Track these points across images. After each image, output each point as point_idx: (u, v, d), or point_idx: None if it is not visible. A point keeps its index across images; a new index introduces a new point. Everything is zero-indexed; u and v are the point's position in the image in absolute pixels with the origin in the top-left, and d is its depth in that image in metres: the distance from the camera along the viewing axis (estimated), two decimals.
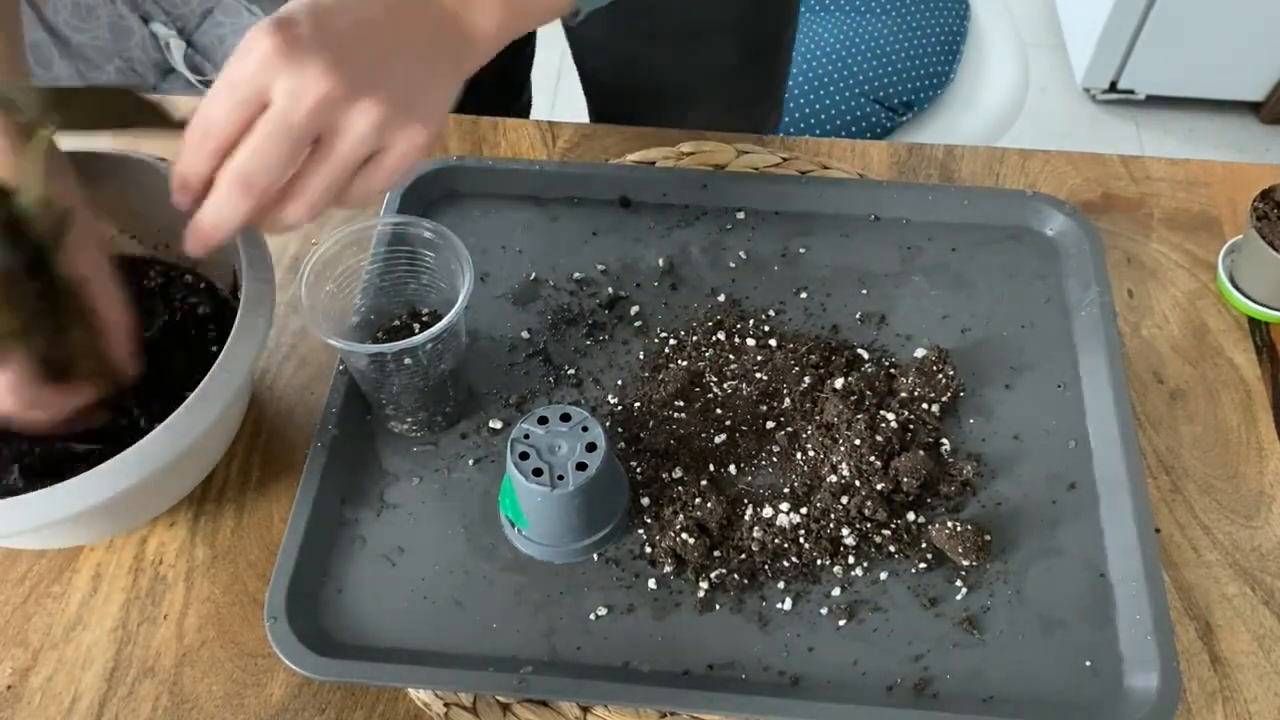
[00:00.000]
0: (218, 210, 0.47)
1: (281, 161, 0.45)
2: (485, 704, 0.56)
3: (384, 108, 0.46)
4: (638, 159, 0.78)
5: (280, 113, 0.45)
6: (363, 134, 0.46)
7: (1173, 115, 2.06)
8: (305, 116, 0.44)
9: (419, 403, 0.62)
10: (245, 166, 0.45)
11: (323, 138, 0.46)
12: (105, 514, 0.56)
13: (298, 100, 0.44)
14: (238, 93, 0.45)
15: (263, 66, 0.44)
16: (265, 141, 0.45)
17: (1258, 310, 0.70)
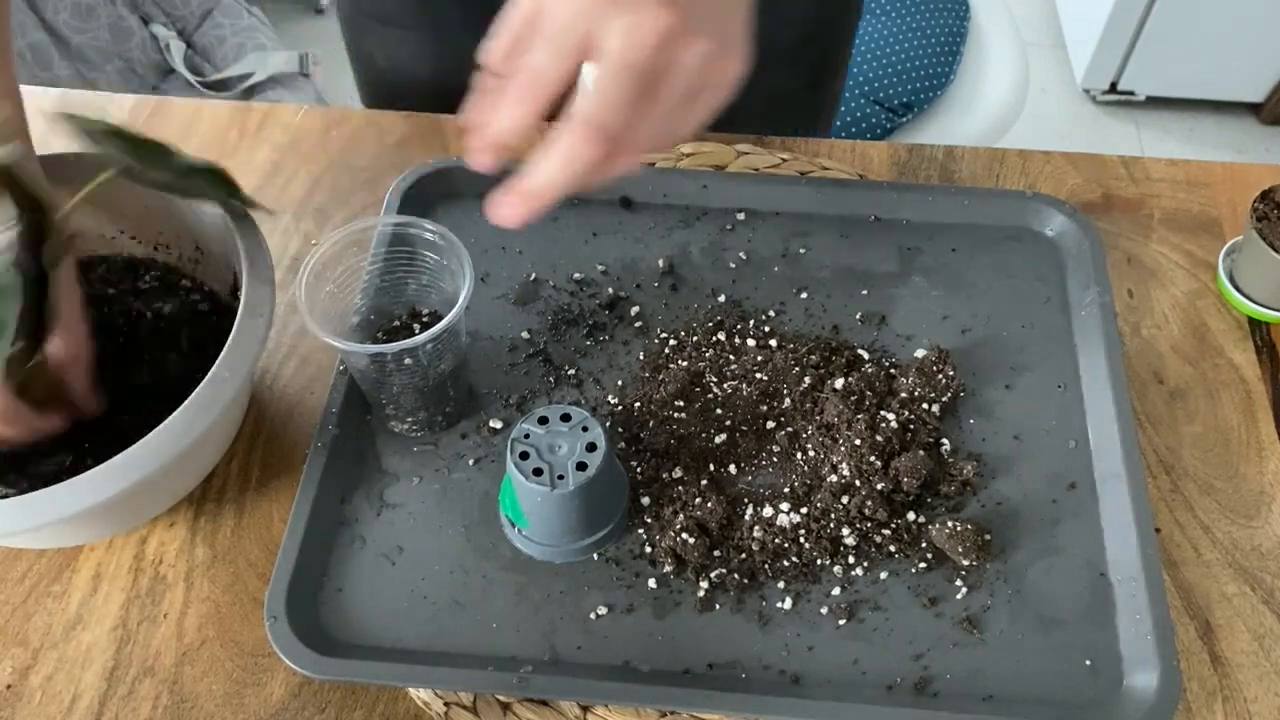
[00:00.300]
0: (563, 164, 0.45)
1: (630, 104, 0.43)
2: (485, 703, 0.57)
3: (711, 42, 0.44)
4: None
5: (621, 53, 0.43)
6: (695, 70, 0.44)
7: (1173, 116, 2.06)
8: (649, 55, 0.43)
9: (419, 403, 0.62)
10: (595, 113, 0.43)
11: (658, 76, 0.44)
12: (105, 514, 0.56)
13: (638, 39, 0.42)
14: (561, 40, 0.43)
15: (590, 12, 0.42)
16: (613, 84, 0.43)
17: (1258, 310, 0.70)
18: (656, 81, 0.44)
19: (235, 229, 0.59)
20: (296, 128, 0.81)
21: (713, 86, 0.46)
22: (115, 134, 0.51)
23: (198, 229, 0.64)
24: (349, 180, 0.78)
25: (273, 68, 1.69)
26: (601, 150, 0.44)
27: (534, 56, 0.44)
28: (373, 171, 0.78)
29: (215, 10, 1.75)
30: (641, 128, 0.45)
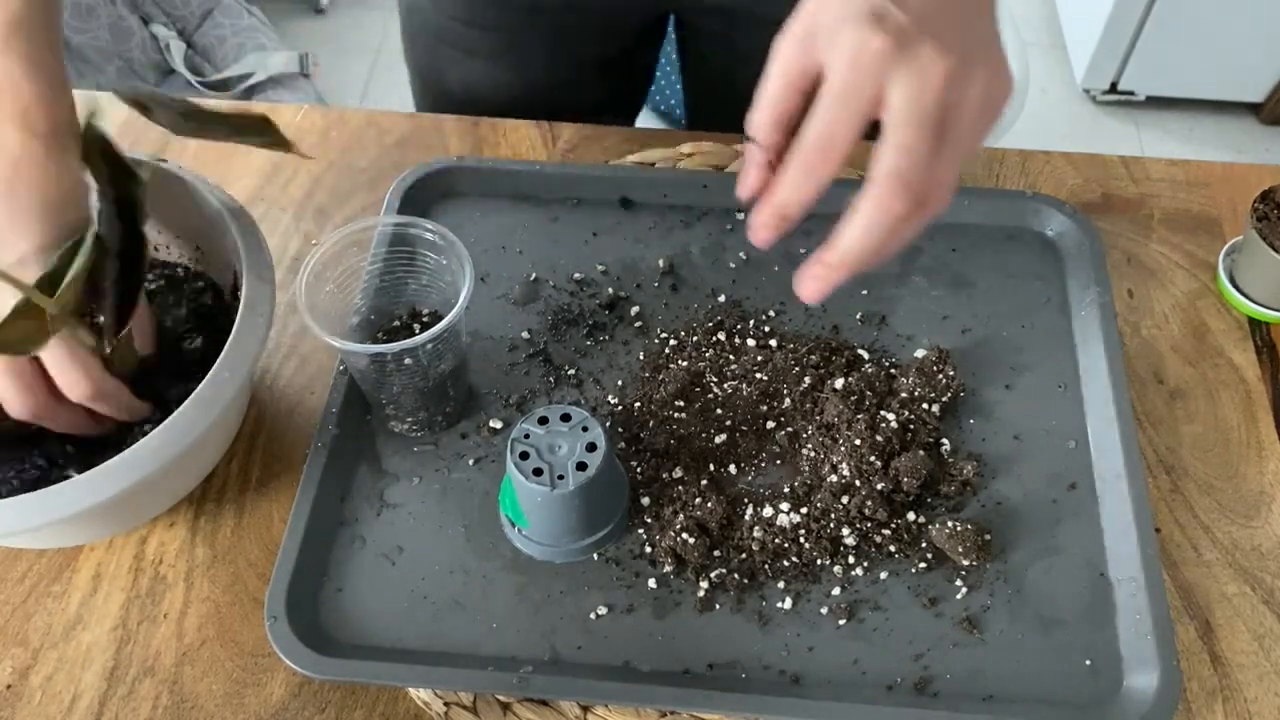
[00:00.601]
0: (873, 226, 0.45)
1: (929, 154, 0.44)
2: (485, 703, 0.57)
3: (985, 70, 0.45)
4: (638, 159, 0.78)
5: (912, 105, 0.43)
6: (977, 103, 0.45)
7: (1173, 116, 2.06)
8: (936, 102, 0.43)
9: (419, 403, 0.62)
10: (898, 168, 0.44)
11: (947, 119, 0.44)
12: (105, 514, 0.56)
13: (925, 89, 0.43)
14: (852, 103, 0.44)
15: (876, 66, 0.43)
16: (909, 137, 0.44)
17: (1258, 310, 0.70)
18: (946, 124, 0.44)
19: (235, 229, 0.59)
20: (296, 128, 0.81)
21: (993, 110, 0.46)
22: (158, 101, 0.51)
23: (198, 228, 0.64)
24: (349, 180, 0.78)
25: (273, 68, 1.69)
26: (910, 204, 0.45)
27: (820, 124, 0.44)
28: (373, 171, 0.78)
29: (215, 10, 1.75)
30: (939, 171, 0.45)
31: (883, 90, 0.43)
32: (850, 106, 0.44)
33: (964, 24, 0.45)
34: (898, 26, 0.43)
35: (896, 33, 0.43)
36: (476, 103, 0.88)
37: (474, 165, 0.75)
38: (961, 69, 0.44)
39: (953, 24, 0.45)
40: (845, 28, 0.44)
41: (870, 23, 0.43)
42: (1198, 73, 1.96)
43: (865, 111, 0.44)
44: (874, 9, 0.44)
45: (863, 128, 0.44)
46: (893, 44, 0.43)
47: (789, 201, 0.47)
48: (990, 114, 0.46)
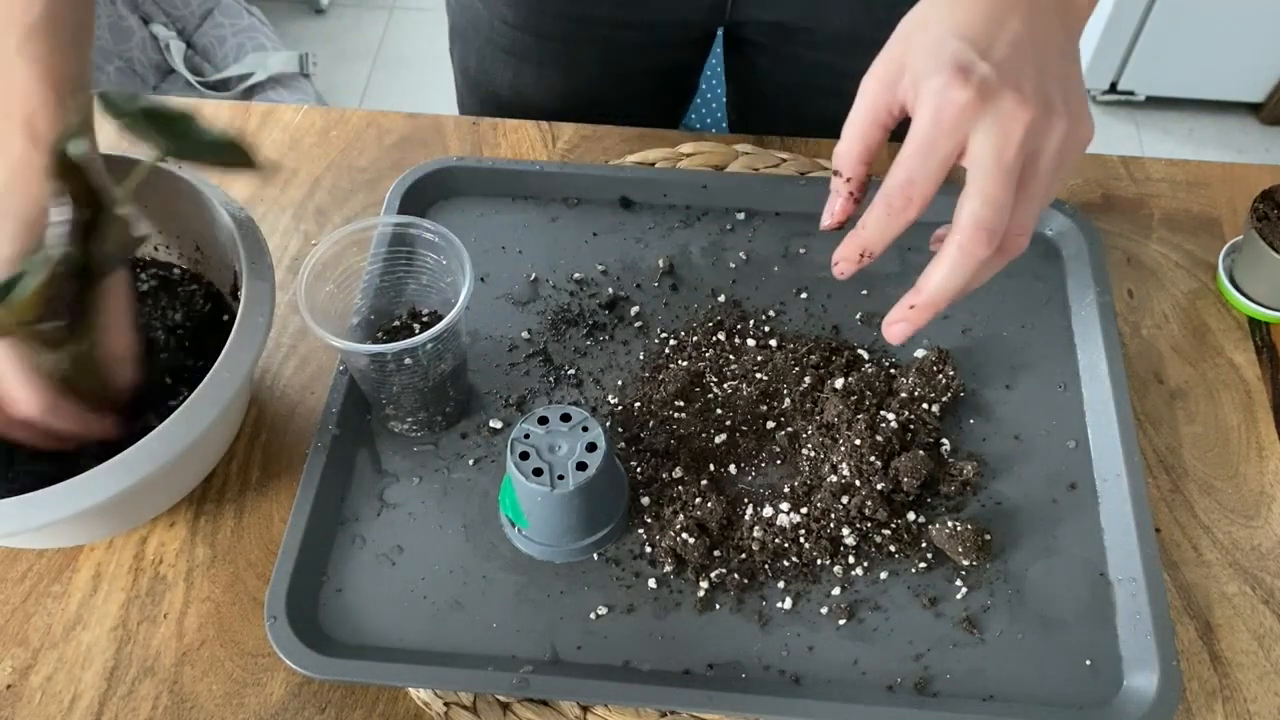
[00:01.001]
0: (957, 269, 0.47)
1: (1010, 202, 0.46)
2: (485, 703, 0.57)
3: (1066, 120, 0.46)
4: (638, 159, 0.78)
5: (995, 155, 0.45)
6: (1057, 151, 0.46)
7: (1173, 116, 2.06)
8: (1018, 151, 0.45)
9: (419, 403, 0.62)
10: (981, 214, 0.45)
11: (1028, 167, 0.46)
12: (105, 514, 0.56)
13: (1007, 139, 0.45)
14: (936, 154, 0.46)
15: (961, 119, 0.45)
16: (992, 185, 0.45)
17: (1258, 310, 0.70)
18: (1026, 173, 0.46)
19: (235, 229, 0.59)
20: (296, 128, 0.81)
21: (1071, 158, 0.48)
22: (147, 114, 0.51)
23: (199, 229, 0.64)
24: (349, 180, 0.78)
25: (273, 68, 1.69)
26: (992, 249, 0.46)
27: (904, 171, 0.46)
28: (373, 171, 0.79)
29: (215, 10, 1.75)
30: (1019, 216, 0.47)
31: (966, 141, 0.45)
32: (934, 158, 0.46)
33: (1047, 70, 0.46)
34: (982, 79, 0.44)
35: (980, 85, 0.44)
36: (525, 106, 0.88)
37: (474, 165, 0.75)
38: (1043, 119, 0.45)
39: (1036, 71, 0.46)
40: (932, 78, 0.45)
41: (957, 75, 0.44)
42: (1198, 73, 1.96)
43: (949, 161, 0.46)
44: (960, 61, 0.45)
45: (945, 175, 0.46)
46: (977, 97, 0.44)
47: (873, 241, 0.49)
48: (1068, 162, 0.48)
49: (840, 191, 0.51)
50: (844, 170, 0.51)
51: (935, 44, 0.46)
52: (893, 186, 0.47)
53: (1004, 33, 0.46)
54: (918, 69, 0.46)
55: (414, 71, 2.11)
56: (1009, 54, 0.46)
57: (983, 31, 0.46)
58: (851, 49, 0.82)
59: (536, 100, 0.88)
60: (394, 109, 0.83)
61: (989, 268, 0.48)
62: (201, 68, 1.72)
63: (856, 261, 0.50)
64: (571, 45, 0.85)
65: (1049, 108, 0.46)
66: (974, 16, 0.46)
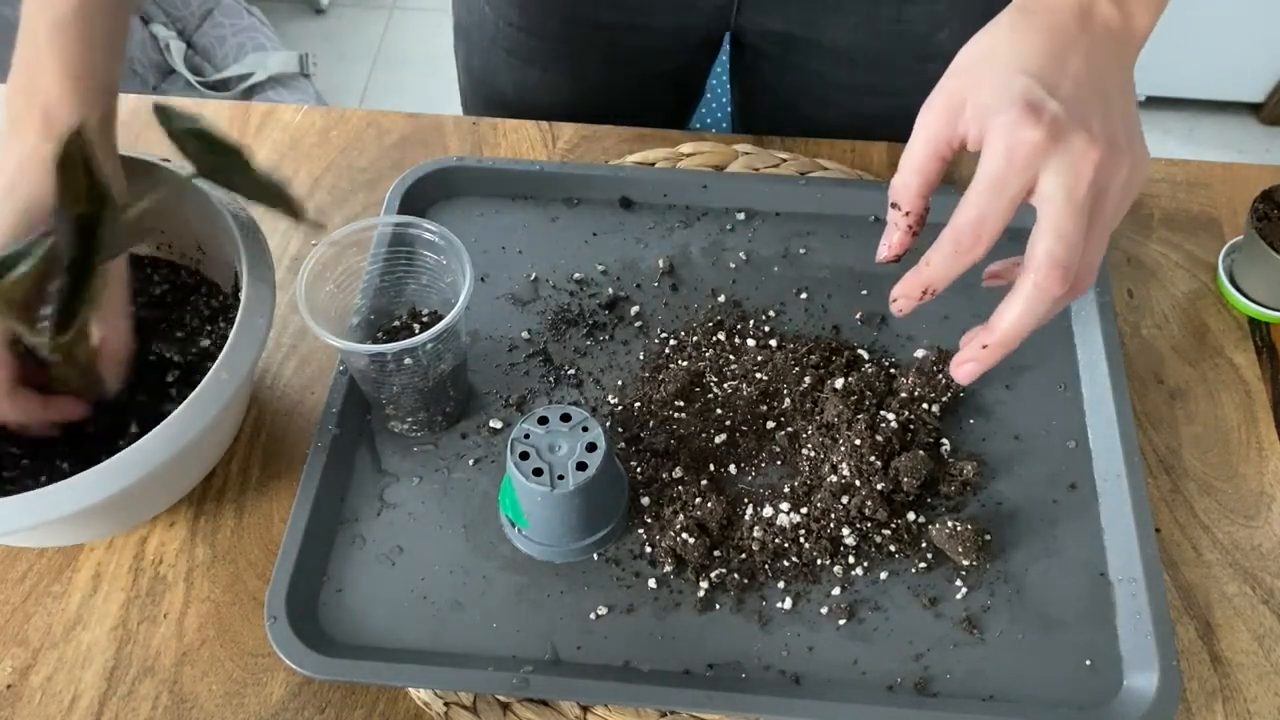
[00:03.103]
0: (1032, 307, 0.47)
1: (1081, 239, 0.46)
2: (485, 703, 0.57)
3: (1127, 155, 0.46)
4: (638, 159, 0.78)
5: (1066, 195, 0.45)
6: (1122, 187, 0.47)
7: (1173, 115, 2.06)
8: (1087, 190, 0.45)
9: (419, 403, 0.62)
10: (1055, 253, 0.45)
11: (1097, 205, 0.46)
12: (105, 513, 0.56)
13: (1077, 178, 0.45)
14: (1007, 192, 0.45)
15: (1032, 158, 0.44)
16: (1065, 223, 0.45)
17: (1258, 310, 0.70)
18: (1095, 209, 0.46)
19: (236, 229, 0.59)
20: (296, 128, 0.81)
21: (1133, 193, 0.48)
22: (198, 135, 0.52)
23: (200, 228, 0.64)
24: (349, 180, 0.78)
25: (273, 68, 1.69)
26: (1066, 285, 0.46)
27: (973, 209, 0.46)
28: (373, 171, 0.79)
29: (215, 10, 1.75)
30: (1088, 253, 0.47)
31: (1037, 179, 0.45)
32: (1005, 196, 0.45)
33: (1111, 108, 0.47)
34: (1053, 117, 0.44)
35: (1051, 124, 0.44)
36: (529, 108, 0.88)
37: (474, 165, 0.75)
38: (1110, 157, 0.45)
39: (1101, 109, 0.46)
40: (1001, 114, 0.45)
41: (1027, 114, 0.44)
42: (1198, 73, 1.96)
43: (1019, 199, 0.45)
44: (1030, 98, 0.45)
45: (1014, 212, 0.46)
46: (1048, 136, 0.44)
47: (938, 279, 0.49)
48: (1131, 196, 0.48)
49: (899, 225, 0.51)
50: (902, 204, 0.50)
51: (1003, 80, 0.46)
52: (963, 224, 0.47)
53: (1069, 70, 0.46)
54: (984, 104, 0.46)
55: (414, 71, 2.11)
56: (1075, 92, 0.46)
57: (1049, 68, 0.46)
58: (855, 62, 0.82)
59: (541, 102, 0.88)
60: (394, 109, 0.83)
61: (1059, 305, 0.48)
62: (201, 68, 1.72)
63: (918, 299, 0.50)
64: (576, 49, 0.85)
65: (1115, 146, 0.46)
66: (1039, 52, 0.46)
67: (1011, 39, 0.47)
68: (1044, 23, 0.47)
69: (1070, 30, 0.47)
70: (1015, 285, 0.47)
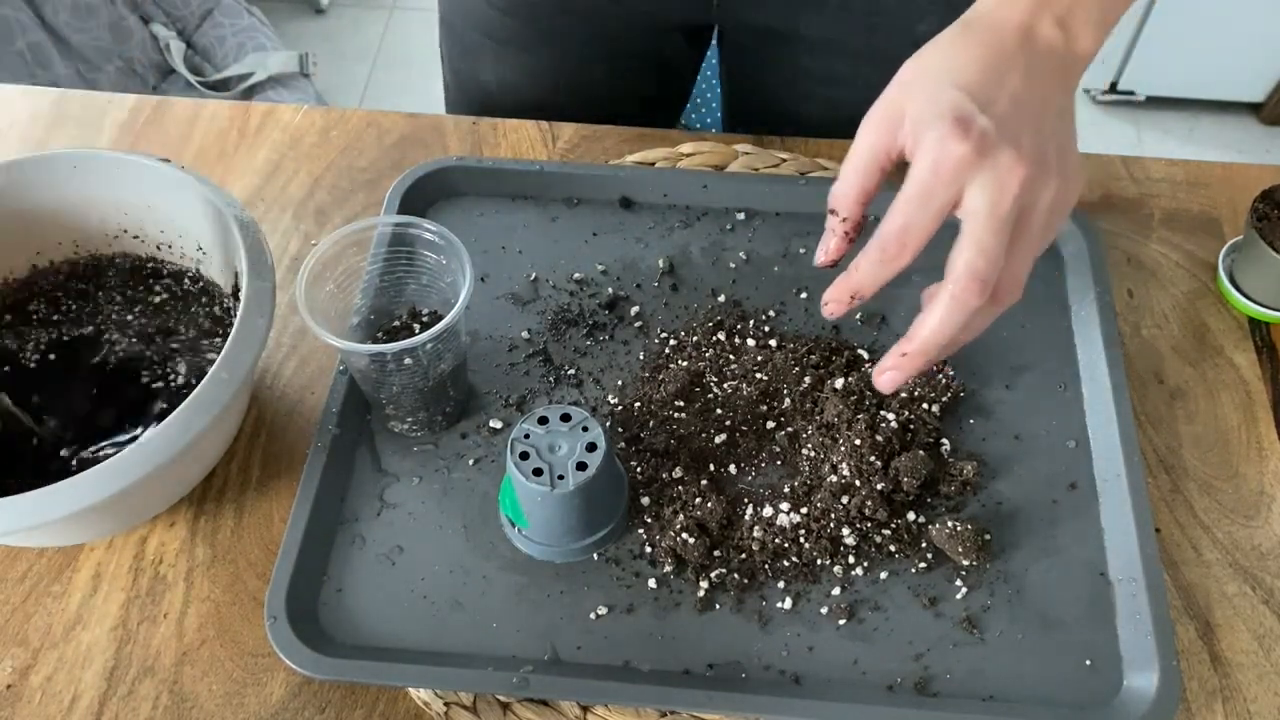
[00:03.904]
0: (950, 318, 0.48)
1: (1003, 254, 0.46)
2: (485, 703, 0.57)
3: (1058, 177, 0.47)
4: (638, 159, 0.78)
5: (991, 208, 0.45)
6: (1048, 206, 0.47)
7: (1173, 116, 2.06)
8: (1012, 206, 0.46)
9: (419, 403, 0.62)
10: (975, 265, 0.46)
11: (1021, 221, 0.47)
12: (105, 513, 0.56)
13: (1003, 193, 0.45)
14: (933, 204, 0.46)
15: (958, 171, 0.45)
16: (987, 236, 0.46)
17: (1258, 310, 0.70)
18: (1020, 226, 0.47)
19: (236, 229, 0.59)
20: (296, 128, 0.81)
21: (1063, 213, 0.49)
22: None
23: (200, 229, 0.64)
24: (349, 180, 0.78)
25: (273, 68, 1.69)
26: (984, 298, 0.47)
27: (900, 218, 0.47)
28: (373, 171, 0.79)
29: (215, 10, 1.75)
30: (1012, 268, 0.48)
31: (962, 192, 0.46)
32: (930, 208, 0.46)
33: (1044, 128, 0.47)
34: (981, 132, 0.45)
35: (979, 139, 0.45)
36: (512, 98, 0.88)
37: (474, 165, 0.75)
38: (1038, 175, 0.46)
39: (1034, 128, 0.47)
40: (932, 128, 0.45)
41: (956, 128, 0.45)
42: (1198, 73, 1.96)
43: (944, 211, 0.46)
44: (960, 112, 0.45)
45: (940, 223, 0.47)
46: (975, 151, 0.45)
47: (865, 284, 0.50)
48: (1060, 216, 0.49)
49: (836, 231, 0.52)
50: (840, 210, 0.51)
51: (935, 93, 0.46)
52: (888, 233, 0.48)
53: (1005, 87, 0.47)
54: (917, 117, 0.46)
55: (414, 71, 2.11)
56: (1009, 109, 0.46)
57: (983, 83, 0.46)
58: (836, 54, 0.82)
59: (524, 90, 0.88)
60: (394, 109, 0.83)
61: (982, 318, 0.49)
62: (201, 68, 1.72)
63: (847, 303, 0.51)
64: (558, 31, 0.85)
65: (1044, 166, 0.46)
66: (976, 68, 0.47)
67: (951, 53, 0.48)
68: (985, 39, 0.48)
69: (1010, 48, 0.47)
70: (936, 295, 0.48)
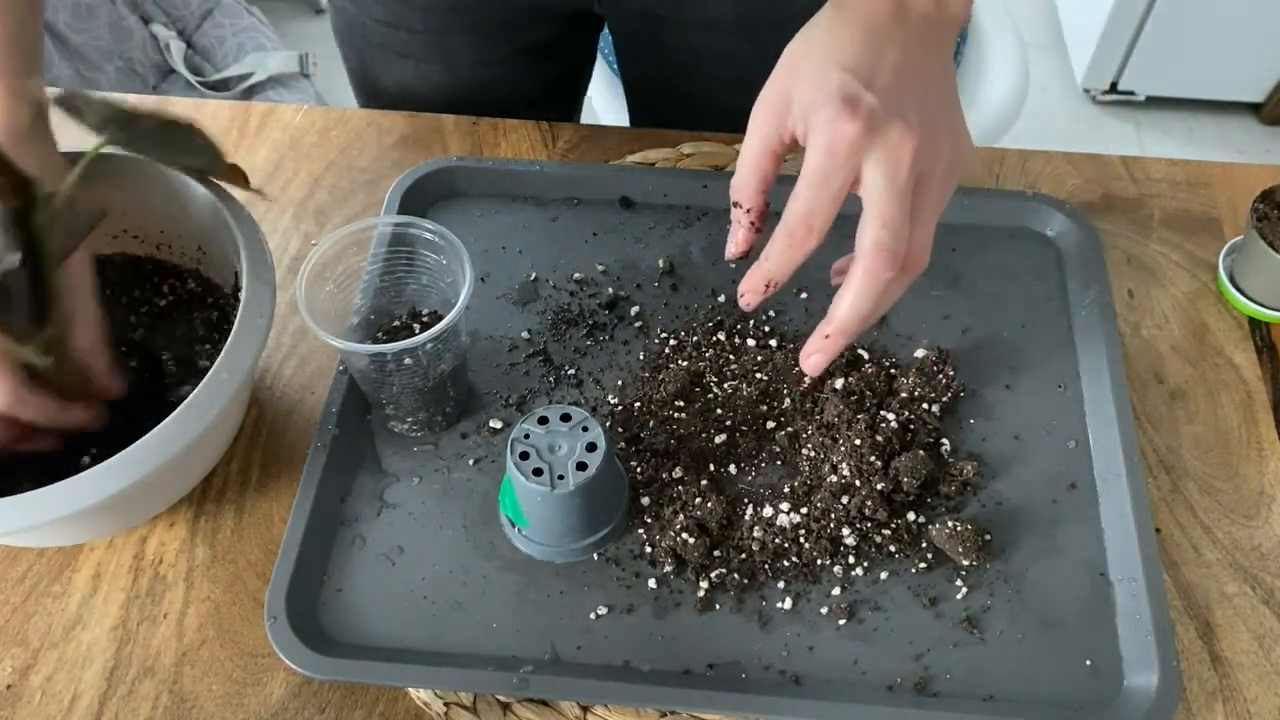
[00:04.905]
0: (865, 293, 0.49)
1: (906, 223, 0.48)
2: (485, 703, 0.57)
3: (947, 140, 0.49)
4: (638, 159, 0.78)
5: (888, 180, 0.47)
6: (944, 172, 0.49)
7: (1173, 116, 2.06)
8: (908, 175, 0.47)
9: (419, 403, 0.62)
10: (882, 237, 0.48)
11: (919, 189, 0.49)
12: (105, 513, 0.56)
13: (897, 165, 0.47)
14: (832, 184, 0.47)
15: (852, 151, 0.46)
16: (889, 212, 0.47)
17: (1258, 310, 0.70)
18: (918, 194, 0.48)
19: (236, 229, 0.59)
20: (296, 128, 0.81)
21: (956, 175, 0.51)
22: (90, 100, 0.51)
23: (200, 229, 0.64)
24: (349, 180, 0.78)
25: (273, 68, 1.69)
26: (895, 269, 0.48)
27: (802, 203, 0.48)
28: (373, 171, 0.79)
29: (215, 10, 1.75)
30: (917, 235, 0.49)
31: (859, 169, 0.47)
32: (830, 189, 0.47)
33: (927, 96, 0.49)
34: (869, 110, 0.46)
35: (868, 117, 0.46)
36: (412, 102, 0.88)
37: (474, 165, 0.75)
38: (929, 143, 0.48)
39: (917, 98, 0.48)
40: (821, 111, 0.47)
41: (844, 107, 0.46)
42: (1198, 73, 1.96)
43: (844, 190, 0.48)
44: (846, 92, 0.47)
45: (841, 203, 0.48)
46: (865, 129, 0.46)
47: (777, 271, 0.51)
48: (954, 179, 0.50)
49: (742, 222, 0.53)
50: (743, 201, 0.52)
51: (820, 76, 0.48)
52: (793, 218, 0.49)
53: (885, 62, 0.48)
54: (805, 101, 0.48)
55: None
56: (892, 83, 0.48)
57: (864, 62, 0.48)
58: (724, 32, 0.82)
59: (422, 94, 0.89)
60: (393, 109, 0.83)
61: (894, 288, 0.50)
62: (201, 68, 1.72)
63: (762, 292, 0.52)
64: (443, 36, 0.85)
65: (934, 133, 0.48)
66: (854, 47, 0.48)
67: (829, 35, 0.49)
68: (859, 18, 0.49)
69: (884, 23, 0.49)
70: (849, 274, 0.49)
